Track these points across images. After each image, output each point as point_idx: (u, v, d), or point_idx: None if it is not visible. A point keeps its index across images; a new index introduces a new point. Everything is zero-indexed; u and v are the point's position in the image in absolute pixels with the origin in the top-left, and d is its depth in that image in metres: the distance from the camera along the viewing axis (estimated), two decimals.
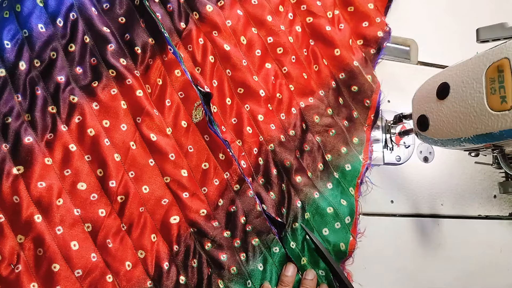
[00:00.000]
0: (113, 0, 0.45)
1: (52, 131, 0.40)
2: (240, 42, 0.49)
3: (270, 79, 0.49)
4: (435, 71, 0.44)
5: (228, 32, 0.48)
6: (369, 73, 0.52)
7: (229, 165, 0.45)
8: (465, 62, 0.39)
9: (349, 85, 0.52)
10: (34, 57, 0.41)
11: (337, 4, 0.54)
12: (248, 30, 0.50)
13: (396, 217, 0.55)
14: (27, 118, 0.40)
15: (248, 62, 0.49)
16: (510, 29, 0.42)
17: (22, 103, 0.40)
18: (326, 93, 0.51)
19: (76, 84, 0.42)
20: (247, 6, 0.50)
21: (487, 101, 0.36)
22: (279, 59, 0.50)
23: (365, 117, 0.51)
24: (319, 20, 0.52)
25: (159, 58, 0.45)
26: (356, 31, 0.54)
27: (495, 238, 0.60)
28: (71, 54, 0.42)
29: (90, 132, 0.41)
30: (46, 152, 0.40)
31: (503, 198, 0.61)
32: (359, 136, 0.51)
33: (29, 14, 0.41)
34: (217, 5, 0.49)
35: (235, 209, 0.45)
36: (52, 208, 0.38)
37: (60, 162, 0.40)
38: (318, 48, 0.52)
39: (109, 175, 0.41)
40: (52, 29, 0.42)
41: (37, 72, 0.41)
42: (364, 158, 0.50)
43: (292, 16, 0.52)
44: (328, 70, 0.52)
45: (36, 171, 0.39)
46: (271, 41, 0.50)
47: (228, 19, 0.49)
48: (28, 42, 0.41)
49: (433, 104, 0.42)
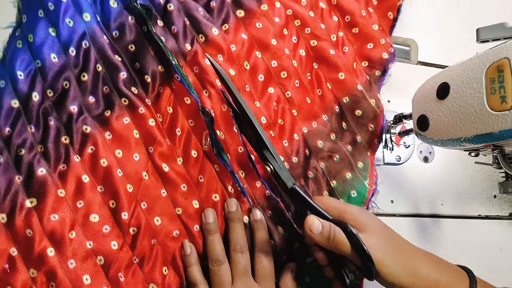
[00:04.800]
0: (123, 28, 0.44)
1: (65, 162, 0.40)
2: (243, 67, 0.48)
3: (273, 104, 0.48)
4: (435, 71, 0.44)
5: (232, 57, 0.48)
6: (373, 97, 0.51)
7: (238, 197, 0.44)
8: (465, 62, 0.39)
9: (353, 109, 0.51)
10: (47, 87, 0.41)
11: (342, 25, 0.53)
12: (252, 54, 0.49)
13: (396, 217, 0.55)
14: (40, 149, 0.39)
15: (251, 88, 0.48)
16: (510, 29, 0.42)
17: (35, 134, 0.40)
18: (330, 118, 0.51)
19: (89, 114, 0.41)
20: (252, 30, 0.49)
21: (487, 101, 0.36)
22: (282, 84, 0.49)
23: (369, 142, 0.51)
24: (322, 44, 0.51)
25: (169, 86, 0.44)
26: (360, 52, 0.53)
27: (495, 238, 0.60)
28: (84, 83, 0.42)
29: (103, 162, 0.40)
30: (59, 184, 0.39)
31: (503, 198, 0.61)
32: (364, 161, 0.50)
33: (41, 44, 0.41)
34: (222, 29, 0.48)
35: None
36: (65, 241, 0.38)
37: (73, 194, 0.39)
38: (322, 71, 0.51)
39: (121, 207, 0.40)
40: (64, 59, 0.41)
41: (50, 102, 0.41)
42: (369, 183, 0.49)
43: (296, 39, 0.51)
44: (332, 94, 0.51)
45: (49, 204, 0.38)
46: (275, 65, 0.49)
47: (233, 43, 0.48)
48: (41, 73, 0.40)
49: (433, 104, 0.42)
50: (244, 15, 0.49)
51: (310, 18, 0.51)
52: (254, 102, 0.48)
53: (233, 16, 0.49)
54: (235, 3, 0.49)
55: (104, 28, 0.44)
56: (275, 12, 0.51)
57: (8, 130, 0.39)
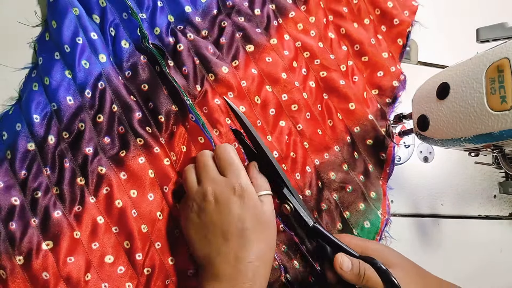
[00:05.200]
0: (135, 67, 0.44)
1: (80, 203, 0.40)
2: (254, 102, 0.48)
3: (284, 138, 0.48)
4: (435, 71, 0.44)
5: (243, 93, 0.48)
6: (383, 126, 0.51)
7: None
8: (465, 62, 0.39)
9: (364, 138, 0.51)
10: (62, 130, 0.41)
11: (351, 55, 0.53)
12: (262, 88, 0.49)
13: (396, 217, 0.55)
14: (56, 192, 0.40)
15: (263, 122, 0.48)
16: (510, 29, 0.42)
17: (51, 177, 0.40)
18: (341, 148, 0.50)
19: (104, 154, 0.41)
20: (262, 64, 0.49)
21: (487, 101, 0.36)
22: (293, 116, 0.49)
23: (381, 171, 0.51)
24: (332, 74, 0.51)
25: (182, 125, 0.44)
26: (371, 81, 0.53)
27: (495, 238, 0.60)
28: (99, 124, 0.42)
29: (118, 203, 0.40)
30: (74, 226, 0.39)
31: (503, 198, 0.61)
32: (376, 191, 0.50)
33: (57, 87, 0.41)
34: (232, 65, 0.48)
35: None
36: (80, 284, 0.38)
37: (88, 235, 0.40)
38: (332, 102, 0.51)
39: (136, 247, 0.40)
40: (80, 100, 0.41)
41: (66, 144, 0.41)
42: (382, 213, 0.49)
43: (306, 71, 0.51)
44: (343, 124, 0.51)
45: (65, 246, 0.38)
46: (285, 98, 0.49)
47: (243, 79, 0.48)
48: (57, 115, 0.41)
49: (433, 104, 0.42)
50: (253, 50, 0.49)
51: (319, 49, 0.51)
52: (266, 136, 0.48)
53: (243, 51, 0.49)
54: (244, 38, 0.49)
55: (117, 69, 0.44)
56: (284, 45, 0.51)
57: (24, 173, 0.39)
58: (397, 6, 0.55)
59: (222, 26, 0.49)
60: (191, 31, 0.47)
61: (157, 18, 0.46)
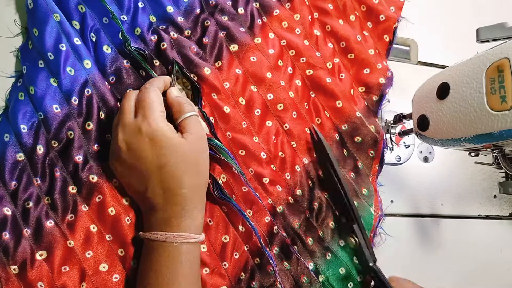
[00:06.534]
0: (119, 72, 0.43)
1: (73, 212, 0.39)
2: (239, 103, 0.48)
3: (271, 138, 0.48)
4: (435, 71, 0.44)
5: (227, 94, 0.47)
6: (372, 123, 0.51)
7: (249, 237, 0.44)
8: (465, 62, 0.39)
9: (353, 136, 0.51)
10: (51, 138, 0.40)
11: (337, 52, 0.53)
12: (247, 89, 0.48)
13: (396, 217, 0.55)
14: (47, 201, 0.39)
15: (248, 123, 0.48)
16: (510, 29, 0.42)
17: (42, 186, 0.39)
18: (330, 146, 0.50)
19: (95, 162, 0.41)
20: (246, 64, 0.49)
21: (487, 101, 0.36)
22: (280, 116, 0.49)
23: (370, 167, 0.51)
24: (318, 72, 0.51)
25: None
26: (357, 78, 0.53)
27: (495, 238, 0.60)
28: (89, 132, 0.41)
29: (111, 211, 0.40)
30: (68, 235, 0.39)
31: (503, 198, 0.61)
32: (368, 187, 0.50)
33: (43, 95, 0.40)
34: (215, 66, 0.47)
35: (254, 285, 0.43)
36: None
37: (82, 244, 0.39)
38: (319, 100, 0.51)
39: (130, 255, 0.40)
40: (67, 108, 0.41)
41: (55, 152, 0.40)
42: (375, 210, 0.49)
43: (292, 70, 0.51)
44: (331, 122, 0.51)
45: (59, 255, 0.38)
46: (271, 98, 0.49)
47: (226, 80, 0.47)
48: (44, 124, 0.40)
49: (433, 104, 0.42)
50: (238, 49, 0.48)
51: (304, 47, 0.51)
52: (252, 137, 0.47)
53: (227, 51, 0.48)
54: (228, 37, 0.48)
55: (101, 74, 0.43)
56: (269, 44, 0.50)
57: (15, 184, 0.39)
58: (382, 2, 0.55)
59: (205, 25, 0.48)
60: (173, 30, 0.46)
61: (139, 18, 0.45)
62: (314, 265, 0.47)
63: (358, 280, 0.47)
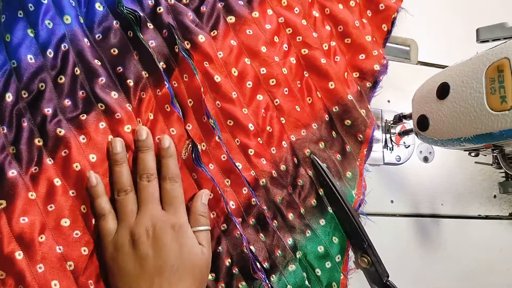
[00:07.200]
0: (107, 31, 0.43)
1: (37, 164, 0.39)
2: (231, 74, 0.48)
3: (261, 111, 0.48)
4: (435, 71, 0.44)
5: (220, 63, 0.47)
6: (363, 108, 0.51)
7: (216, 204, 0.44)
8: (465, 62, 0.39)
9: (343, 118, 0.51)
10: (21, 88, 0.40)
11: (334, 35, 0.53)
12: (240, 61, 0.48)
13: (396, 217, 0.55)
14: (12, 151, 0.39)
15: (239, 94, 0.48)
16: (510, 29, 0.42)
17: (8, 135, 0.39)
18: (319, 126, 0.50)
19: (64, 116, 0.40)
20: (242, 36, 0.49)
21: (487, 101, 0.36)
22: (271, 91, 0.49)
23: (358, 151, 0.51)
24: (314, 52, 0.51)
25: (152, 92, 0.44)
26: (352, 63, 0.53)
27: (495, 238, 0.60)
28: (60, 86, 0.41)
29: (76, 166, 0.39)
30: (30, 186, 0.38)
31: (503, 198, 0.61)
32: (353, 171, 0.50)
33: (18, 44, 0.40)
34: (210, 35, 0.47)
35: (220, 250, 0.43)
36: (34, 245, 0.37)
37: (44, 197, 0.39)
38: (312, 80, 0.51)
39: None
40: (41, 60, 0.41)
41: (24, 103, 0.40)
42: (357, 193, 0.49)
43: (287, 47, 0.51)
44: (322, 103, 0.51)
45: (19, 206, 0.37)
46: (264, 72, 0.49)
47: (220, 50, 0.47)
48: (16, 73, 0.40)
49: (433, 104, 0.42)
50: (235, 21, 0.49)
51: (302, 26, 0.51)
52: (242, 108, 0.47)
53: (223, 22, 0.48)
54: (226, 9, 0.49)
55: (87, 31, 0.43)
56: (266, 19, 0.50)
57: None
58: None
59: None
60: None
61: None
62: (293, 241, 0.47)
63: (337, 260, 0.47)
